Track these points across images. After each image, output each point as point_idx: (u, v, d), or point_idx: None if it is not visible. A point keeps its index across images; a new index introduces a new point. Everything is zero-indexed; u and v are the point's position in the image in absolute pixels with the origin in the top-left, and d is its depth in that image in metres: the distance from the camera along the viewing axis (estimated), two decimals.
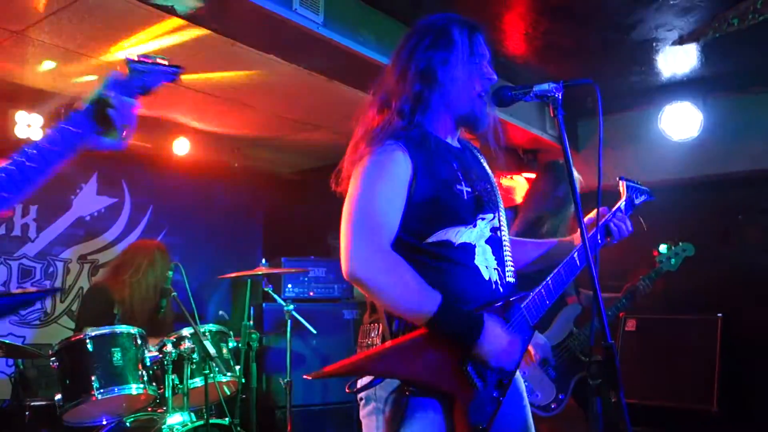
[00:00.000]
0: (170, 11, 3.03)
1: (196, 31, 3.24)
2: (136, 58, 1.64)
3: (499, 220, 1.93)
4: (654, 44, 4.01)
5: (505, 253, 1.93)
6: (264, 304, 5.15)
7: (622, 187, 2.26)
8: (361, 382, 1.76)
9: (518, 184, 4.99)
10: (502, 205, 2.00)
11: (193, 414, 3.45)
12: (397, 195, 1.76)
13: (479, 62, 1.93)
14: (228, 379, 3.61)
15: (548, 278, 1.96)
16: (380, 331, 1.78)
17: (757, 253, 4.44)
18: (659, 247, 3.59)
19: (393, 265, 1.70)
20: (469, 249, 1.82)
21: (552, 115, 1.82)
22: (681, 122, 4.64)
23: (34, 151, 1.44)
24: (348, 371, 1.67)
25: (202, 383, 3.41)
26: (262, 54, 3.49)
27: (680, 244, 3.60)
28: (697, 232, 3.68)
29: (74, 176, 5.30)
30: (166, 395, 3.41)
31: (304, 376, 1.61)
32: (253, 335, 4.11)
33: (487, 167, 2.06)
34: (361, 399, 1.82)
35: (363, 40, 3.42)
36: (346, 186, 1.83)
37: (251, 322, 4.16)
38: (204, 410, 3.33)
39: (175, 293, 3.63)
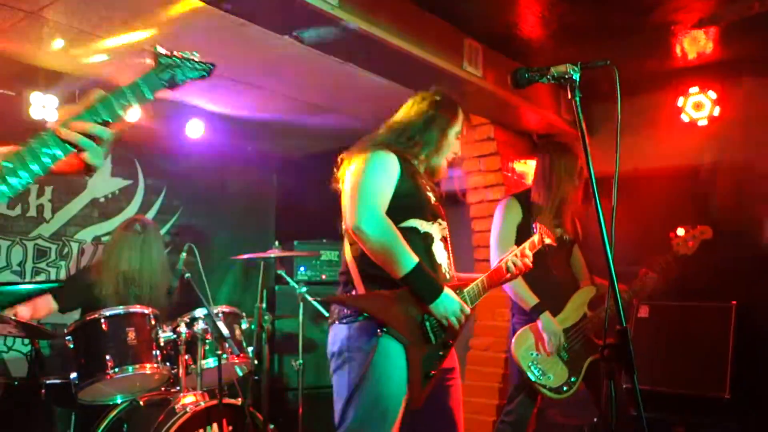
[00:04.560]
0: None
1: (210, 12, 3.22)
2: (165, 52, 1.58)
3: (446, 230, 2.53)
4: (672, 27, 3.95)
5: (448, 254, 2.51)
6: (276, 287, 5.17)
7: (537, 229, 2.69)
8: (342, 311, 2.36)
9: (531, 169, 4.96)
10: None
11: (206, 394, 3.49)
12: (388, 183, 2.36)
13: (458, 140, 2.62)
14: (241, 360, 3.64)
15: (485, 275, 2.50)
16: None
17: None
18: (676, 230, 3.57)
19: (388, 226, 2.29)
20: (429, 238, 2.42)
21: (570, 97, 1.82)
22: (699, 106, 4.59)
23: None
24: (345, 302, 2.37)
25: (216, 364, 3.44)
26: (275, 36, 3.47)
27: (698, 226, 3.58)
28: (713, 218, 3.64)
29: None
30: (180, 375, 3.45)
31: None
32: (266, 317, 4.14)
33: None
34: (332, 355, 2.33)
35: (378, 22, 3.39)
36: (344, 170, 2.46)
37: (264, 305, 4.18)
38: (217, 390, 3.36)
39: (188, 274, 3.66)
